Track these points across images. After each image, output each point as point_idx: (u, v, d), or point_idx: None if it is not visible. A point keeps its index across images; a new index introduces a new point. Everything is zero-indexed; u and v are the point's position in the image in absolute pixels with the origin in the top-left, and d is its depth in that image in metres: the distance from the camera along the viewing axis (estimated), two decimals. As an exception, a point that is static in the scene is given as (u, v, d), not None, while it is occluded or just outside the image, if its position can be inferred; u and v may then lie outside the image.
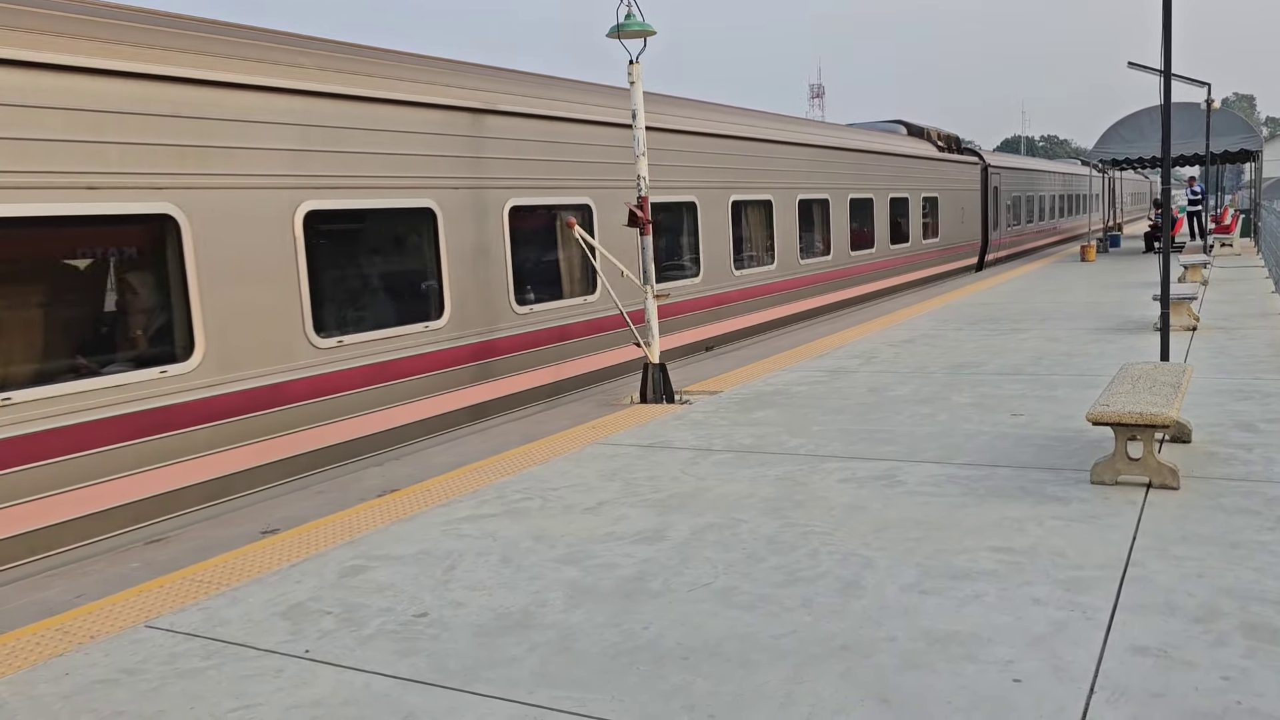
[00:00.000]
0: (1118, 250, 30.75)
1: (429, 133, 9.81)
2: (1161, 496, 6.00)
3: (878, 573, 5.04)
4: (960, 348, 12.32)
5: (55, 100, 6.67)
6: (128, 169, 7.09)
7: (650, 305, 10.23)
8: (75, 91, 6.77)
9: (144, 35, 7.32)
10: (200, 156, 7.59)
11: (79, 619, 5.01)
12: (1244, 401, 8.38)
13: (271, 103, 8.17)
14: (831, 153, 18.98)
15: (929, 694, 3.78)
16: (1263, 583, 4.63)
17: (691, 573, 5.19)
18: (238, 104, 7.89)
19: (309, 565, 5.64)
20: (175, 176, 7.41)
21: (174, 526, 7.20)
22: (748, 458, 7.51)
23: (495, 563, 5.51)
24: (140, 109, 7.18)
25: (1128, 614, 4.38)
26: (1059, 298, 17.48)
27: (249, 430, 7.96)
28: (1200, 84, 24.17)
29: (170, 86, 7.38)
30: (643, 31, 9.70)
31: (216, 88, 7.72)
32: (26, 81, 6.50)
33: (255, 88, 8.03)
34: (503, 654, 4.35)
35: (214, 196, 7.71)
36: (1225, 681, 3.74)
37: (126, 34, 7.20)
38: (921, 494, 6.34)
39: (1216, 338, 11.86)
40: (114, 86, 7.01)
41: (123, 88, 7.07)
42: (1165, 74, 8.01)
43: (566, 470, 7.45)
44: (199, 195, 7.59)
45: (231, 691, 4.12)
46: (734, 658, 4.19)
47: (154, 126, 7.27)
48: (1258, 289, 17.05)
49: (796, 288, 17.61)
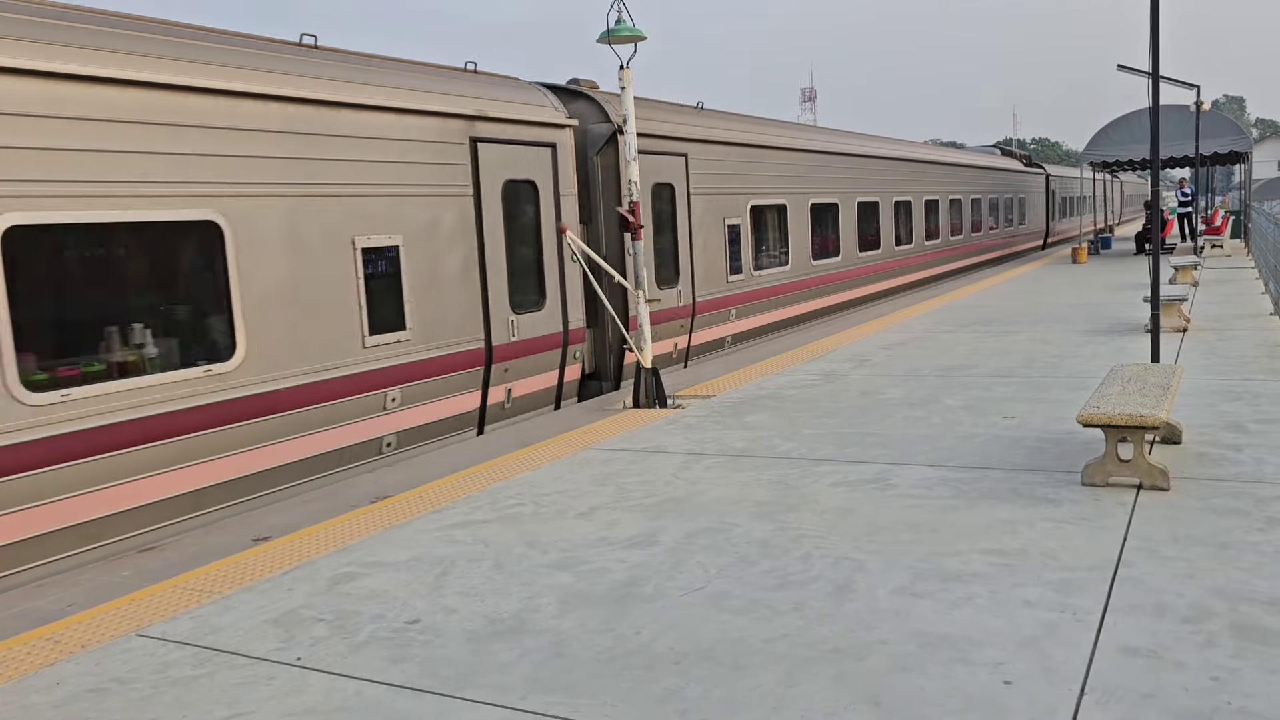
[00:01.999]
0: (1109, 252, 30.83)
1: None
2: (1152, 498, 6.02)
3: (870, 576, 5.05)
4: (952, 350, 12.35)
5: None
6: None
7: (642, 311, 10.23)
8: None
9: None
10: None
11: (70, 628, 5.00)
12: (1234, 402, 8.41)
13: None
14: (977, 171, 30.01)
15: (921, 696, 3.79)
16: (1252, 583, 4.65)
17: (684, 577, 5.19)
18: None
19: (301, 572, 5.63)
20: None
21: (165, 535, 7.19)
22: (740, 462, 7.52)
23: (487, 569, 5.51)
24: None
25: (1118, 615, 4.40)
26: (1050, 299, 17.53)
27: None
28: (1190, 86, 24.27)
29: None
30: (633, 36, 9.72)
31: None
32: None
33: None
34: (495, 660, 4.34)
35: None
36: (1214, 682, 3.76)
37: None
38: (913, 497, 6.35)
39: (1207, 339, 11.90)
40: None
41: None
42: (1154, 76, 8.05)
43: (559, 475, 7.45)
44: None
45: (223, 700, 4.12)
46: (726, 662, 4.19)
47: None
48: (1248, 290, 17.11)
49: (972, 250, 29.38)
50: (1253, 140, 31.41)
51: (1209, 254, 26.44)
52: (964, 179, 28.34)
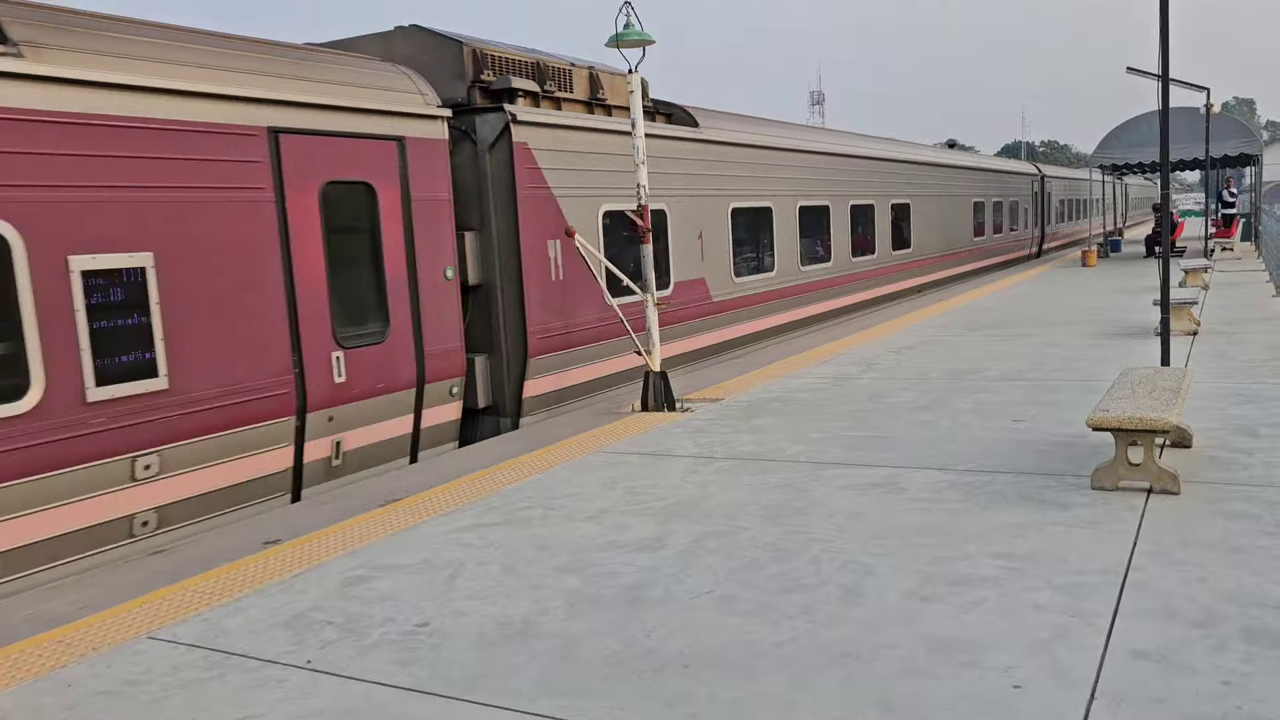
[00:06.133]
0: (1118, 255, 30.75)
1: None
2: (1162, 502, 6.00)
3: (878, 580, 5.04)
4: (961, 353, 12.33)
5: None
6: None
7: (651, 313, 10.25)
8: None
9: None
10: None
11: (81, 630, 5.02)
12: (1245, 406, 8.38)
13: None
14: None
15: (930, 701, 3.79)
16: (1263, 587, 4.64)
17: (692, 580, 5.20)
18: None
19: (311, 575, 5.65)
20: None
21: (177, 537, 7.21)
22: (749, 465, 7.52)
23: (497, 572, 5.52)
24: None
25: (1128, 619, 4.39)
26: (1059, 303, 17.48)
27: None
28: (1199, 89, 24.18)
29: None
30: (641, 41, 9.74)
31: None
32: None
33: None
34: (504, 663, 4.35)
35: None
36: (1226, 686, 3.74)
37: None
38: (922, 500, 6.34)
39: (1217, 342, 11.86)
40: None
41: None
42: (1163, 79, 8.04)
43: (568, 479, 7.46)
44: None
45: (234, 702, 4.13)
46: (735, 665, 4.19)
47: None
48: (1258, 293, 17.05)
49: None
50: (1263, 142, 31.27)
51: (1219, 256, 26.36)
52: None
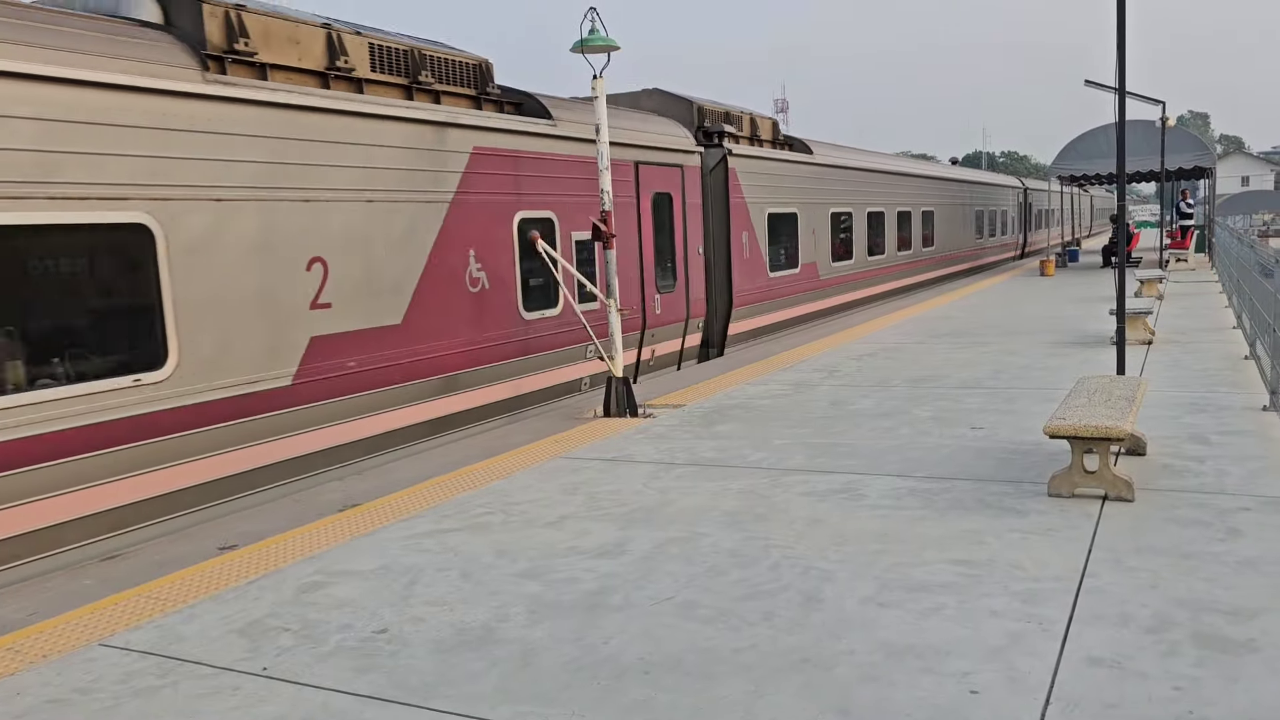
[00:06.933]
0: (1076, 265, 31.18)
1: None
2: (1117, 509, 6.08)
3: (838, 586, 5.07)
4: (922, 361, 12.44)
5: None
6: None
7: (613, 319, 10.25)
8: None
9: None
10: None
11: (31, 637, 4.92)
12: (1198, 414, 8.52)
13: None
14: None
15: (888, 706, 3.81)
16: (1213, 593, 4.71)
17: (653, 587, 5.19)
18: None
19: (267, 581, 5.58)
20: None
21: (130, 542, 7.10)
22: (710, 471, 7.53)
23: (456, 578, 5.48)
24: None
25: (1083, 625, 4.44)
26: (1018, 311, 17.70)
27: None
28: (1155, 102, 24.62)
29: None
30: (606, 46, 9.74)
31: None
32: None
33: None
34: (463, 670, 4.32)
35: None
36: (1177, 691, 3.80)
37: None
38: (882, 507, 6.39)
39: (1171, 351, 12.06)
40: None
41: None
42: (1120, 92, 8.17)
43: (528, 484, 7.43)
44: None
45: (187, 710, 4.07)
46: (695, 671, 4.19)
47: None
48: (1212, 303, 17.36)
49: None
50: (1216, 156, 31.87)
51: (1174, 267, 26.81)
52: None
